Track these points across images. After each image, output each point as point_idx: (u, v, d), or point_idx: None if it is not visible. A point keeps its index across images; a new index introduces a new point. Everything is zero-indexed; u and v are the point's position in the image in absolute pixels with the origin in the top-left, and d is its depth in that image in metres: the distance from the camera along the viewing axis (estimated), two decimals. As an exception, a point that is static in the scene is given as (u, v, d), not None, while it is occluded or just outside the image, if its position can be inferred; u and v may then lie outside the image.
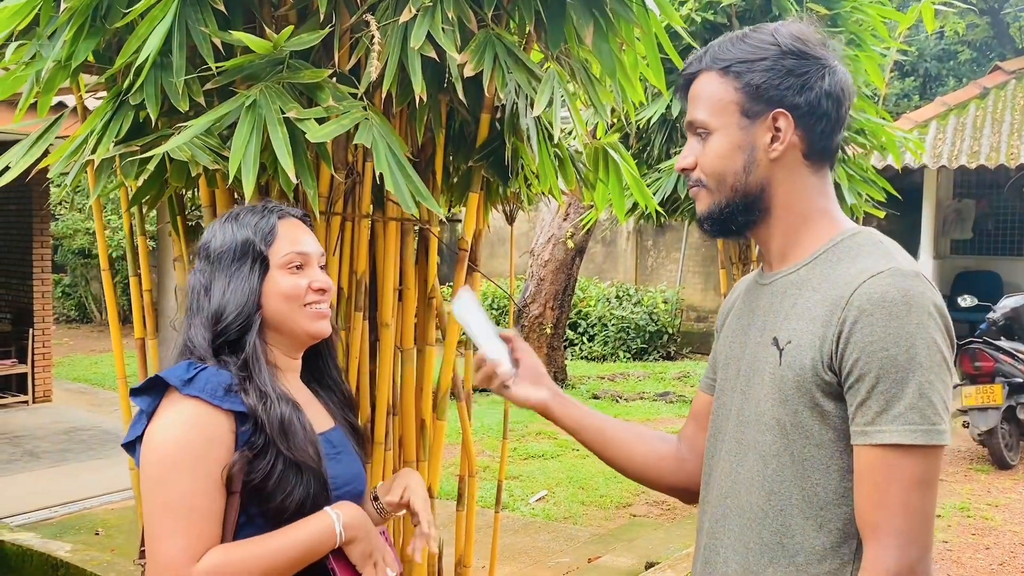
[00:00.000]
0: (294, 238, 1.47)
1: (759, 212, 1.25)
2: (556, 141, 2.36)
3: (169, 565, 1.29)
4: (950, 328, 1.15)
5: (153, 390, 1.37)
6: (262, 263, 1.43)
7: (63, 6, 1.84)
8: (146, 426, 1.36)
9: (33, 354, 7.86)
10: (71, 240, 12.95)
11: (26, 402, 7.84)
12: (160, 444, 1.32)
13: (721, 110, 1.23)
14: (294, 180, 1.72)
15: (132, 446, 1.40)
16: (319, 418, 1.49)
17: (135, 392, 1.39)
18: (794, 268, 1.24)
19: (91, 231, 12.67)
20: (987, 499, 5.49)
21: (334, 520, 1.37)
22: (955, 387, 6.36)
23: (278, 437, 1.34)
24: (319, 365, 1.56)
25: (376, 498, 1.59)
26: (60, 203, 12.20)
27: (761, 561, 1.21)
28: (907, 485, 1.09)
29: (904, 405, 1.09)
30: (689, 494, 1.44)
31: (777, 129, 1.21)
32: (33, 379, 7.89)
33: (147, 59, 1.71)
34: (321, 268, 1.50)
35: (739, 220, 1.26)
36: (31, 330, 7.88)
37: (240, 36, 1.76)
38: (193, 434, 1.32)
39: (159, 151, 1.71)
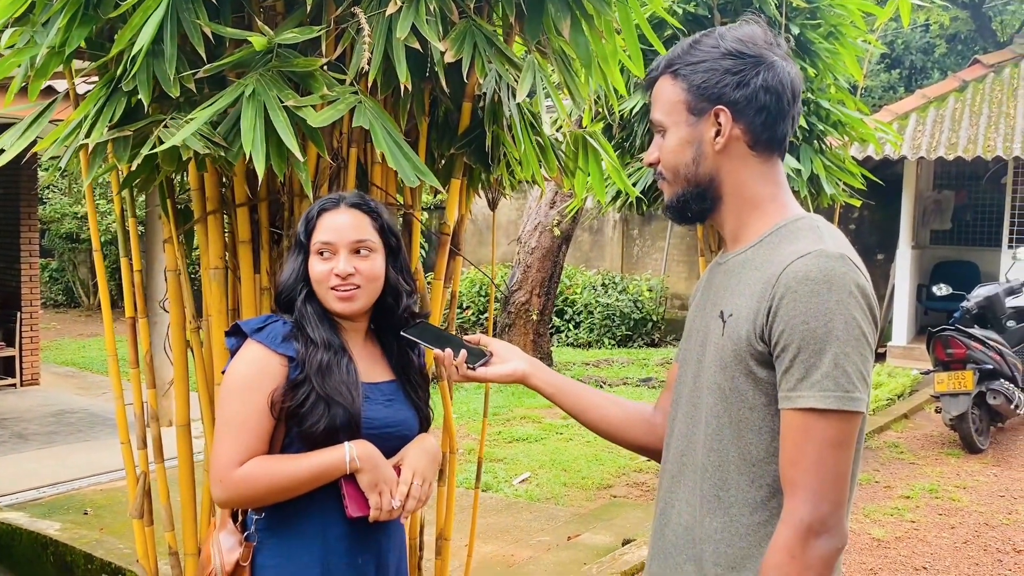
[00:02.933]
0: (329, 227, 1.71)
1: (711, 200, 1.39)
2: (539, 130, 2.45)
3: (220, 464, 1.65)
4: (873, 307, 1.26)
5: (237, 334, 1.73)
6: (304, 250, 1.73)
7: (58, -5, 1.90)
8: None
9: (21, 337, 7.90)
10: (59, 224, 12.91)
11: (14, 385, 7.88)
12: (227, 375, 1.71)
13: (671, 109, 1.38)
14: (301, 159, 1.80)
15: None
16: (377, 371, 1.79)
17: (228, 334, 1.78)
18: (744, 249, 1.37)
19: (79, 215, 12.63)
20: (956, 481, 5.62)
21: (346, 452, 1.66)
22: (927, 373, 6.49)
23: (314, 375, 1.65)
24: (389, 330, 1.82)
25: None
26: (48, 187, 12.16)
27: (702, 511, 1.34)
28: (821, 445, 1.21)
29: (821, 373, 1.20)
30: (654, 453, 1.57)
31: (719, 124, 1.34)
32: (21, 362, 7.92)
33: (141, 49, 1.78)
34: (359, 253, 1.71)
35: (693, 208, 1.40)
36: (19, 314, 7.91)
37: (242, 34, 1.83)
38: (250, 369, 1.67)
39: (163, 148, 1.77)
